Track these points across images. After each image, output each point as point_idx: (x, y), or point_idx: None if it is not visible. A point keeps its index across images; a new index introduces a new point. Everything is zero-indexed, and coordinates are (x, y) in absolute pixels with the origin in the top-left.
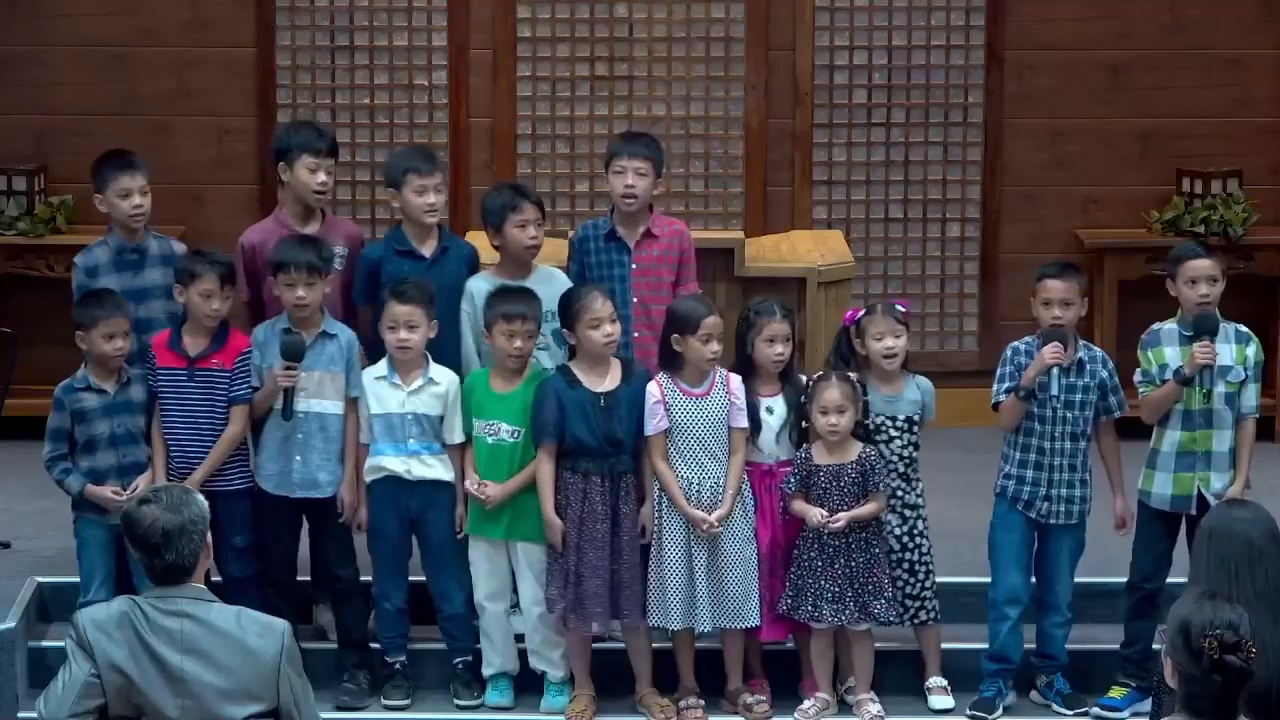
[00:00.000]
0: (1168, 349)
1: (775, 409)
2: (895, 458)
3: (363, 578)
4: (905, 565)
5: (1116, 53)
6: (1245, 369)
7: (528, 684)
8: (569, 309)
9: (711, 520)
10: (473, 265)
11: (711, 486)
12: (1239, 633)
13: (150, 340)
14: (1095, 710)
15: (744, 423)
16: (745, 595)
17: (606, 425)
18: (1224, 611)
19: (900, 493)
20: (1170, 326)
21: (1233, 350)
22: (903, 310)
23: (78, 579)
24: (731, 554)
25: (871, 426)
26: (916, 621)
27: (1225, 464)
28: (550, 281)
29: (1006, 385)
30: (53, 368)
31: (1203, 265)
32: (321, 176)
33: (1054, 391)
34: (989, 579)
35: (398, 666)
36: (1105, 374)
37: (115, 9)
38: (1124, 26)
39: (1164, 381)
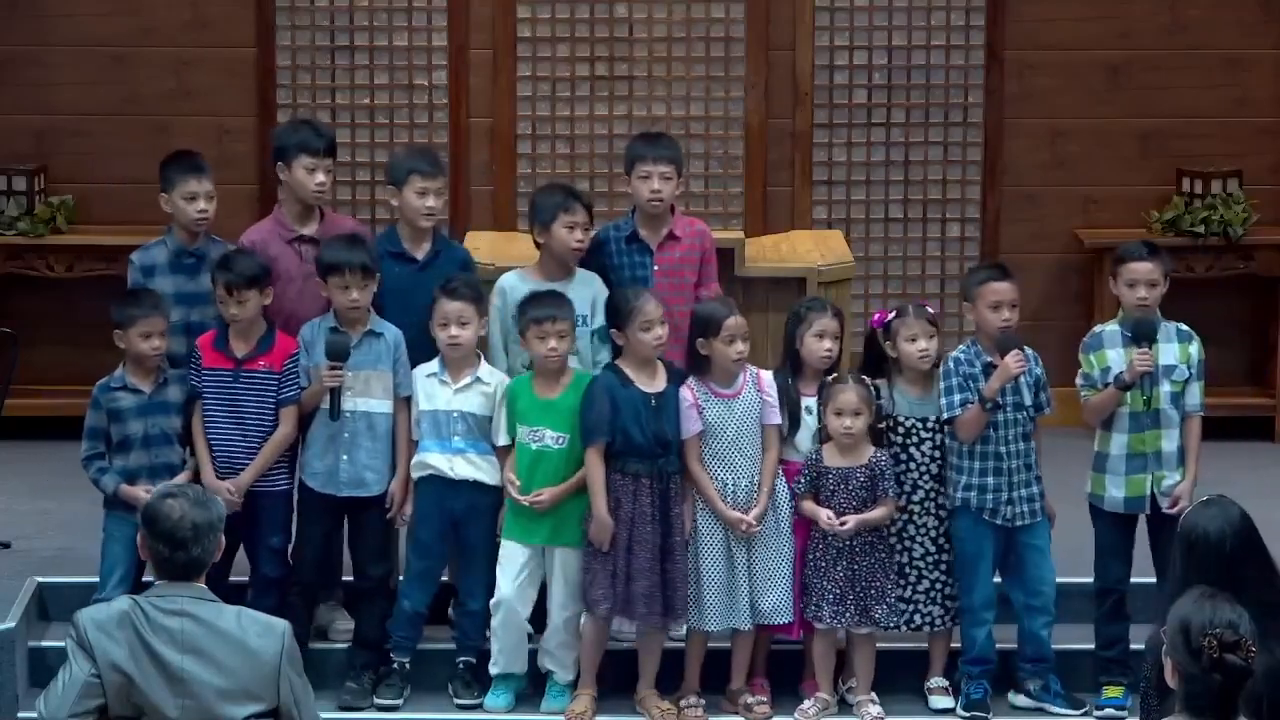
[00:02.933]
0: (1109, 351)
1: (815, 408)
2: (926, 459)
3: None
4: (943, 566)
5: (1116, 53)
6: (1189, 367)
7: (528, 684)
8: (620, 310)
9: (749, 520)
10: (466, 269)
11: (746, 486)
12: (1239, 632)
13: (196, 340)
14: (1101, 714)
15: (777, 419)
16: (782, 593)
17: (656, 426)
18: (1224, 611)
19: (934, 494)
20: (1112, 328)
21: (1176, 349)
22: (931, 311)
23: (78, 579)
24: (769, 552)
25: (902, 430)
26: (957, 623)
27: (1174, 463)
28: (589, 285)
29: (960, 397)
30: (53, 368)
31: (1142, 268)
32: (320, 176)
33: (1012, 395)
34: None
35: (396, 666)
36: (1040, 371)
37: (115, 9)
38: (1124, 26)
39: (1106, 385)
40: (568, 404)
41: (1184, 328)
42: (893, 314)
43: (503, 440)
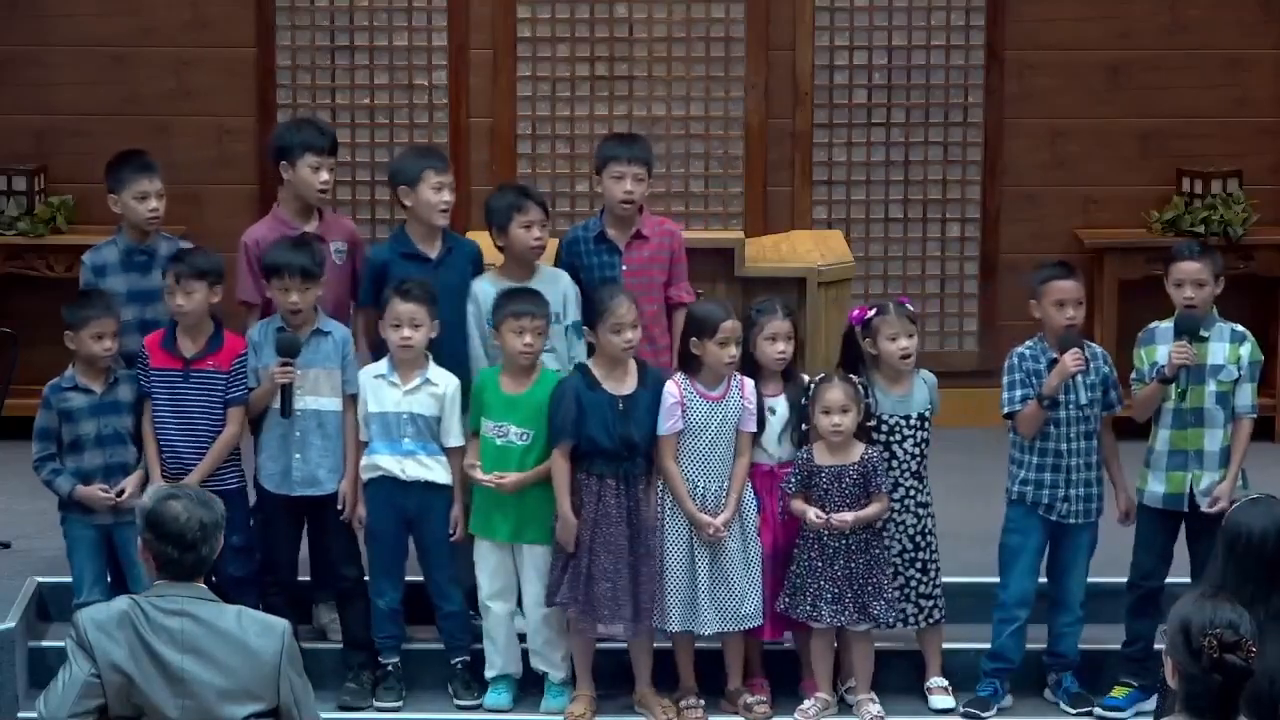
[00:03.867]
0: (1160, 347)
1: (778, 409)
2: (908, 456)
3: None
4: (918, 564)
5: (1116, 53)
6: (1239, 368)
7: (528, 685)
8: (594, 309)
9: (717, 524)
10: (478, 263)
11: (716, 490)
12: (1239, 632)
13: (144, 341)
14: (1099, 711)
15: (753, 426)
16: (749, 598)
17: (623, 428)
18: (1224, 611)
19: (913, 492)
20: (1165, 325)
21: (1226, 349)
22: (912, 309)
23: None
24: (736, 556)
25: (885, 428)
26: (931, 621)
27: (1216, 463)
28: (555, 282)
29: (1021, 393)
30: (53, 368)
31: (1189, 268)
32: (324, 175)
33: (1071, 394)
34: (991, 579)
35: (389, 668)
36: (1107, 369)
37: (115, 9)
38: (1124, 26)
39: (1153, 380)
40: (533, 400)
41: (1238, 328)
42: (872, 311)
43: (454, 441)
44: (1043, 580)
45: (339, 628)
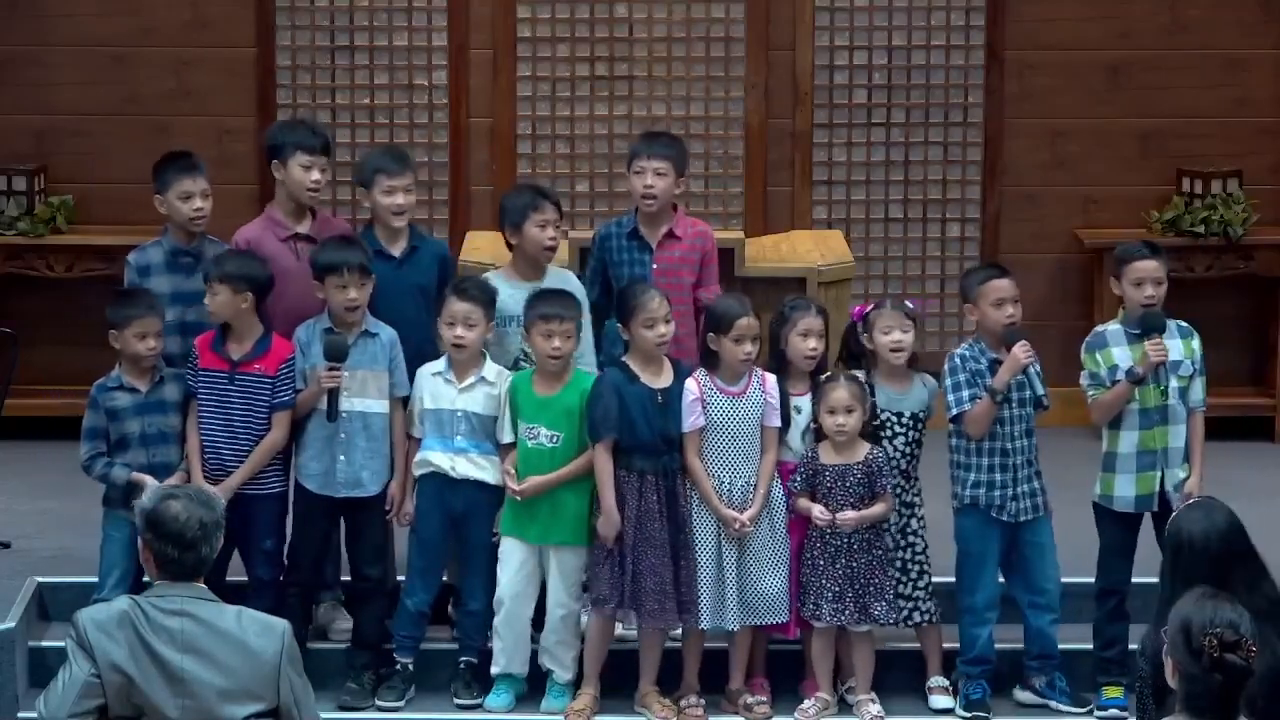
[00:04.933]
0: (1115, 349)
1: (803, 408)
2: (898, 454)
3: (389, 581)
4: (898, 564)
5: (1116, 53)
6: (1193, 362)
7: (530, 685)
8: (625, 306)
9: (743, 520)
10: (444, 264)
11: (743, 486)
12: (1239, 631)
13: (194, 340)
14: (1098, 713)
15: (777, 421)
16: (776, 593)
17: (662, 422)
18: (1224, 610)
19: (900, 490)
20: (1115, 327)
21: (1180, 345)
22: (911, 307)
23: (78, 579)
24: (763, 552)
25: (875, 423)
26: (911, 623)
27: (1180, 459)
28: (564, 284)
29: (970, 393)
30: (53, 368)
31: (1148, 266)
32: (316, 174)
33: (1013, 391)
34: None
35: (399, 668)
36: (1035, 365)
37: (115, 9)
38: (1124, 26)
39: (1114, 383)
40: (564, 403)
41: (1183, 324)
42: (871, 306)
43: (507, 438)
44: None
45: (340, 628)
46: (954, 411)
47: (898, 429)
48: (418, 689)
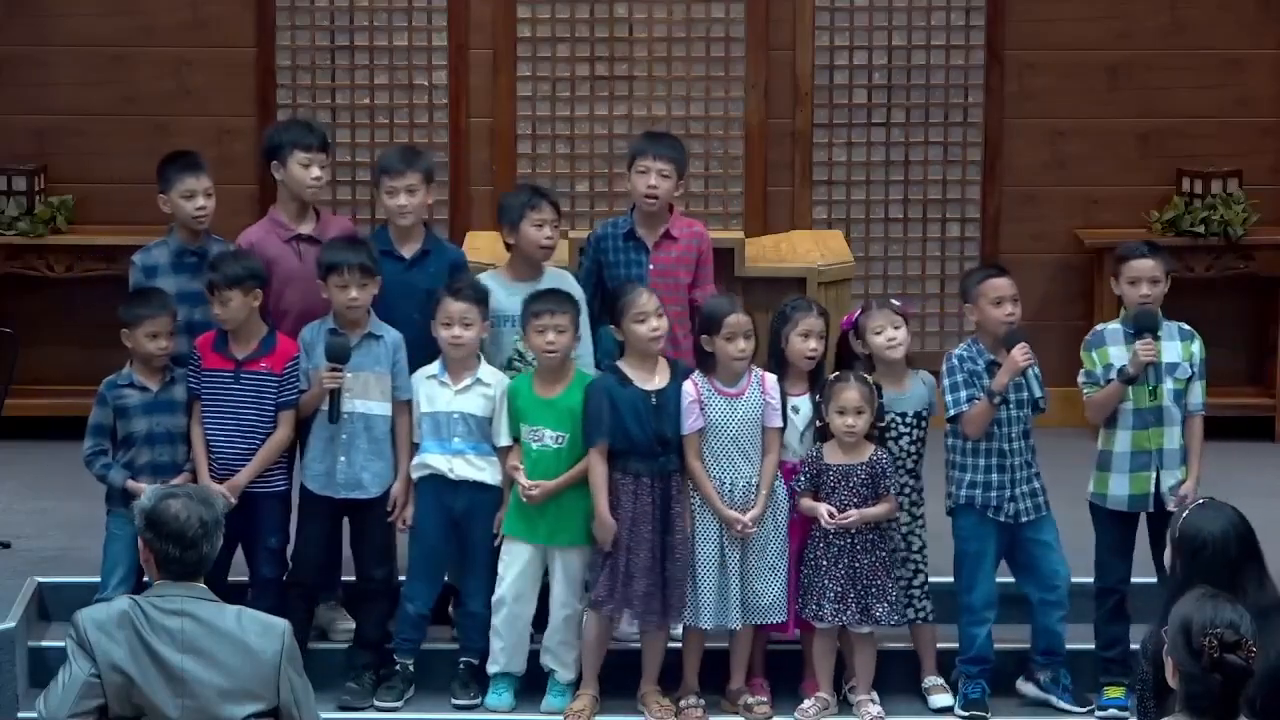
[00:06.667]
0: (1112, 348)
1: (801, 408)
2: (904, 454)
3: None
4: (898, 564)
5: (1116, 53)
6: (1191, 366)
7: (530, 685)
8: (615, 305)
9: (745, 520)
10: (456, 271)
11: (744, 486)
12: (1239, 631)
13: (195, 341)
14: (1099, 713)
15: (779, 422)
16: (776, 593)
17: (656, 424)
18: (1225, 611)
19: (907, 489)
20: (1114, 326)
21: (1178, 348)
22: (899, 304)
23: (78, 579)
24: (765, 553)
25: (883, 426)
26: (905, 620)
27: (1177, 461)
28: (560, 283)
29: (967, 393)
30: (53, 368)
31: (1144, 265)
32: (315, 171)
33: (1010, 392)
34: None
35: (399, 669)
36: (1034, 367)
37: (115, 9)
38: (1124, 26)
39: (1109, 381)
40: (567, 403)
41: (1185, 326)
42: (858, 312)
43: (503, 441)
44: (1009, 580)
45: (340, 628)
46: (951, 412)
47: (902, 428)
48: (417, 689)
